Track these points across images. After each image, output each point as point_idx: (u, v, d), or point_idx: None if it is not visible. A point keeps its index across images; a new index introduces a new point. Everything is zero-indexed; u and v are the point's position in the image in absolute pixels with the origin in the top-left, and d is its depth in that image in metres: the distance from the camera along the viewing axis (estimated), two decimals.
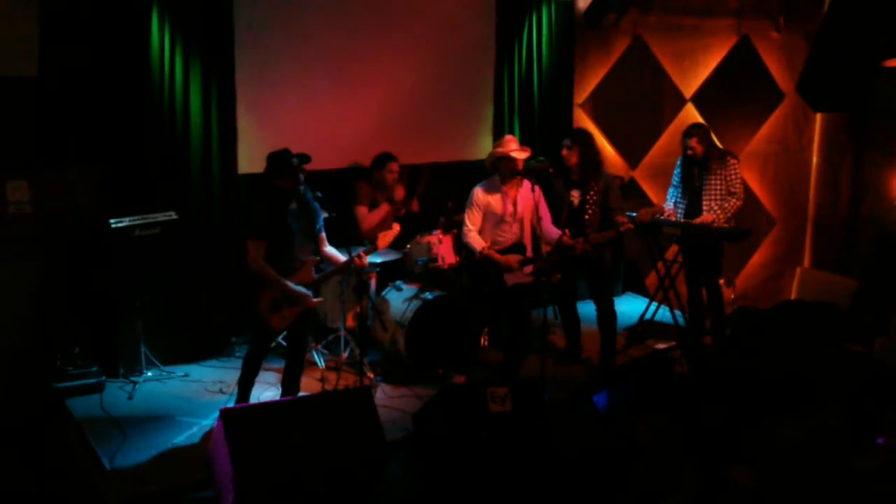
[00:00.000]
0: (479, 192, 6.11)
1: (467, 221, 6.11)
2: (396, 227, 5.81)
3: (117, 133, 6.33)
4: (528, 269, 6.10)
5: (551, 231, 6.15)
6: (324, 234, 5.65)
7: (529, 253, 6.14)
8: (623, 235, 6.34)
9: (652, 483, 4.37)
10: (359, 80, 7.26)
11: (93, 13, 6.13)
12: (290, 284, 5.36)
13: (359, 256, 5.54)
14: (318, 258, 5.59)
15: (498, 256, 6.04)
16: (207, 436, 5.29)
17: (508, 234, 6.13)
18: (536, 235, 6.10)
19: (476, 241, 6.08)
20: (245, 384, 5.60)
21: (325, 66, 7.13)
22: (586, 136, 6.44)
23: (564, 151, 6.32)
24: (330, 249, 5.68)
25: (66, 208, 6.25)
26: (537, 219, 6.00)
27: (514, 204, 6.08)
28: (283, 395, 5.69)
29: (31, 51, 6.01)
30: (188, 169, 6.61)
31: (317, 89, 7.12)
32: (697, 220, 6.81)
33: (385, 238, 5.69)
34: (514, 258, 6.06)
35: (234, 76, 6.72)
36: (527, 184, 6.05)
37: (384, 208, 6.96)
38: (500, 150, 6.05)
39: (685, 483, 4.07)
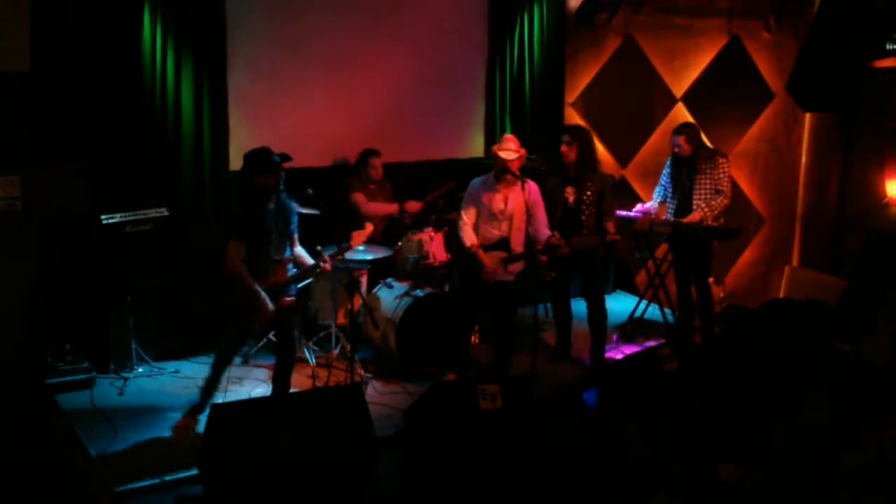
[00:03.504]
0: (474, 186, 6.19)
1: (462, 215, 6.18)
2: (370, 227, 5.82)
3: (109, 129, 6.32)
4: (513, 267, 6.12)
5: (542, 233, 6.17)
6: (296, 236, 5.66)
7: (516, 251, 6.17)
8: (609, 245, 6.37)
9: (641, 480, 4.40)
10: (350, 78, 7.27)
11: (85, 8, 6.11)
12: (259, 291, 5.35)
13: (324, 261, 5.56)
14: (292, 258, 5.61)
15: (483, 257, 6.06)
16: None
17: (496, 231, 6.16)
18: (528, 235, 6.13)
19: (468, 235, 6.13)
20: (213, 381, 5.59)
21: (317, 62, 7.13)
22: (585, 133, 6.45)
23: (564, 147, 6.31)
24: (300, 251, 5.70)
25: (58, 204, 6.24)
26: (527, 218, 6.02)
27: (506, 201, 6.11)
28: (273, 392, 5.70)
29: (23, 46, 5.99)
30: (179, 166, 6.61)
31: (308, 86, 7.12)
32: (686, 219, 6.84)
33: (358, 237, 5.72)
34: (496, 257, 6.08)
35: (226, 73, 6.71)
36: (529, 184, 6.07)
37: (392, 207, 7.00)
38: (495, 146, 6.13)
39: (673, 480, 4.11)
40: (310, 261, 5.63)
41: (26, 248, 6.17)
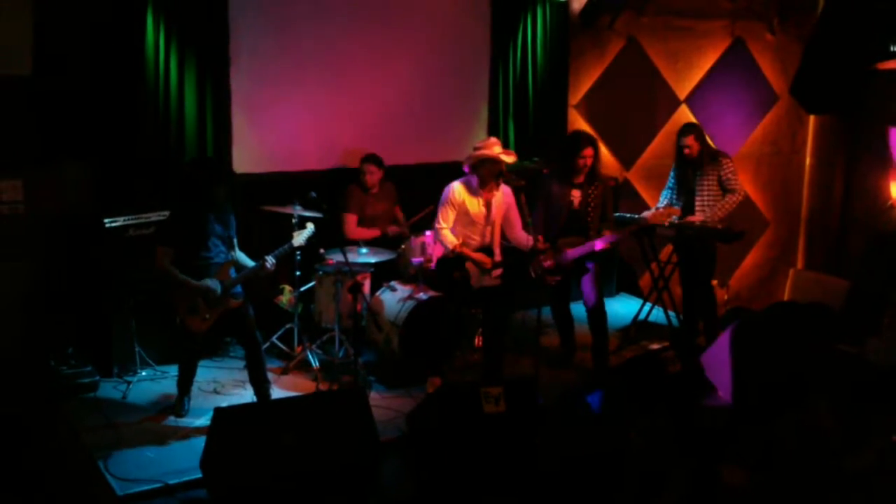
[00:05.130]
0: (455, 191, 6.04)
1: (440, 219, 6.05)
2: (308, 226, 5.84)
3: (112, 132, 6.32)
4: (497, 272, 6.09)
5: (521, 237, 6.15)
6: (235, 240, 5.71)
7: (498, 257, 6.14)
8: (599, 252, 6.36)
9: (644, 483, 4.39)
10: (353, 81, 7.27)
11: (87, 11, 6.12)
12: (195, 282, 5.45)
13: (266, 262, 5.61)
14: (233, 261, 5.65)
15: (471, 253, 6.00)
16: None
17: (479, 237, 6.10)
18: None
19: (448, 238, 6.03)
20: (181, 387, 5.76)
21: (320, 65, 7.13)
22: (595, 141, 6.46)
23: (589, 161, 6.24)
24: (239, 255, 5.75)
25: (61, 207, 6.25)
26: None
27: (489, 207, 6.06)
28: (255, 393, 5.74)
29: (26, 49, 6.00)
30: (183, 168, 6.61)
31: (311, 89, 7.12)
32: (687, 219, 6.82)
33: (298, 237, 5.78)
34: (484, 257, 6.05)
35: (229, 75, 6.72)
36: (503, 188, 6.04)
37: (376, 232, 6.99)
38: (485, 152, 5.97)
39: (677, 483, 4.09)
40: (249, 263, 5.68)
41: (29, 251, 6.17)
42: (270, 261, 5.61)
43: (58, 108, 6.14)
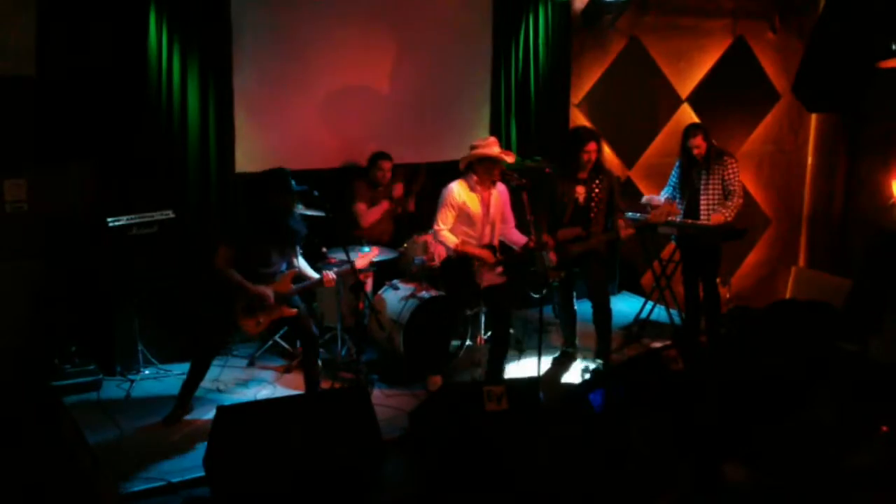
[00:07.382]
0: (454, 192, 6.01)
1: (439, 220, 6.02)
2: (375, 251, 5.93)
3: (115, 132, 6.33)
4: (500, 269, 6.10)
5: (515, 235, 6.16)
6: (299, 249, 5.73)
7: (499, 254, 6.15)
8: (623, 239, 6.38)
9: (646, 482, 4.39)
10: (356, 80, 7.28)
11: (91, 12, 6.13)
12: (252, 285, 5.45)
13: (328, 276, 5.70)
14: (296, 270, 5.67)
15: (473, 250, 6.00)
16: None
17: (478, 236, 6.10)
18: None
19: (448, 238, 6.01)
20: (189, 388, 5.69)
21: (323, 65, 7.14)
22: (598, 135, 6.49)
23: (593, 155, 6.25)
24: (301, 264, 5.75)
25: (64, 207, 6.27)
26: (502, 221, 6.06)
27: (488, 206, 6.07)
28: (305, 383, 5.86)
29: (29, 49, 6.01)
30: (186, 168, 6.62)
31: (314, 89, 7.13)
32: (713, 222, 6.80)
33: (364, 259, 5.84)
34: (487, 252, 6.07)
35: (232, 75, 6.72)
36: (499, 185, 6.06)
37: (383, 205, 7.01)
38: (485, 151, 5.95)
39: (679, 481, 4.10)
40: (312, 273, 5.72)
41: (32, 250, 6.18)
42: (331, 275, 5.68)
43: (61, 107, 6.15)
